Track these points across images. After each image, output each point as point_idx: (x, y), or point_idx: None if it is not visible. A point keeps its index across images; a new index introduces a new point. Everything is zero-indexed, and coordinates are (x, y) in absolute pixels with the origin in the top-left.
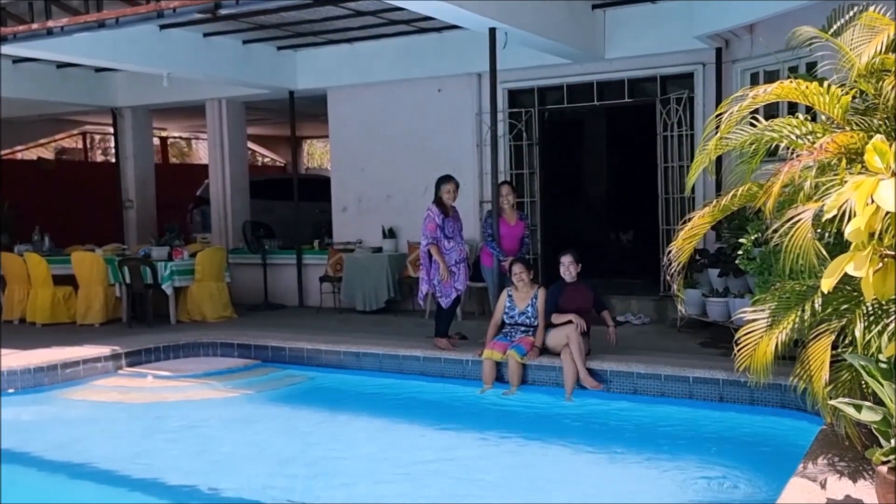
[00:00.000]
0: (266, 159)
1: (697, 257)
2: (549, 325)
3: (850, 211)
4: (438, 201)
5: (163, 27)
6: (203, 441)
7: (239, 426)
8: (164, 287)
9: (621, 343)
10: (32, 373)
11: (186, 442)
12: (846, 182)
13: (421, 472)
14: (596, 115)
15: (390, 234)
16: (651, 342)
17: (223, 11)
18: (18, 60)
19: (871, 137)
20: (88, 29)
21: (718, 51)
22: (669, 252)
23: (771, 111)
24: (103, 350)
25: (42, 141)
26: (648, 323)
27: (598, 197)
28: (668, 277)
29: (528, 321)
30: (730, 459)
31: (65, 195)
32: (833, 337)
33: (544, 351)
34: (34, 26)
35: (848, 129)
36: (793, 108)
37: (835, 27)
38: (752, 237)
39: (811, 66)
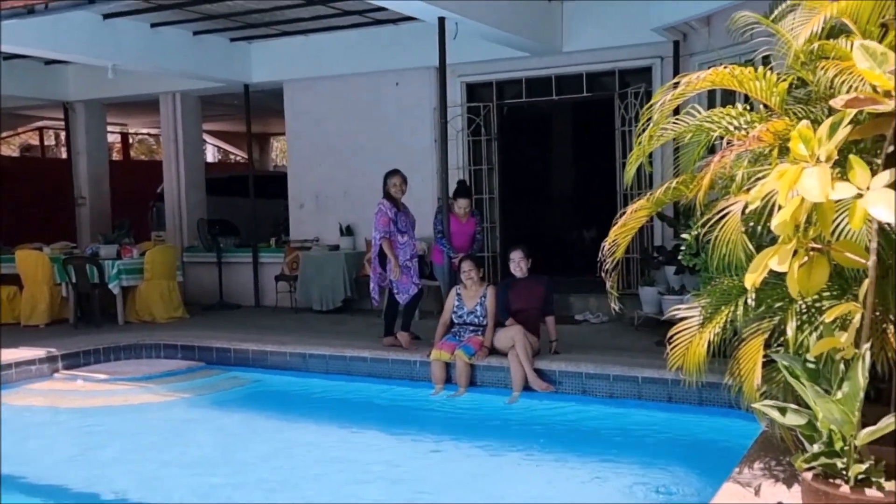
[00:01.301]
0: (238, 157)
1: (655, 254)
2: (498, 325)
3: (776, 202)
4: (387, 195)
5: (106, 16)
6: (131, 447)
7: (171, 431)
8: (111, 286)
9: (575, 342)
10: None
11: (112, 447)
12: None
13: (361, 477)
14: (556, 109)
15: (348, 231)
16: (606, 341)
17: None
18: None
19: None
20: (17, 15)
21: (676, 44)
22: (602, 248)
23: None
24: (38, 352)
25: (4, 135)
26: (607, 321)
27: (560, 193)
28: (603, 274)
29: (476, 320)
30: (672, 462)
31: (21, 193)
32: (766, 336)
33: (494, 351)
34: None
35: (786, 118)
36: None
37: (776, 12)
38: (694, 232)
39: (768, 59)
